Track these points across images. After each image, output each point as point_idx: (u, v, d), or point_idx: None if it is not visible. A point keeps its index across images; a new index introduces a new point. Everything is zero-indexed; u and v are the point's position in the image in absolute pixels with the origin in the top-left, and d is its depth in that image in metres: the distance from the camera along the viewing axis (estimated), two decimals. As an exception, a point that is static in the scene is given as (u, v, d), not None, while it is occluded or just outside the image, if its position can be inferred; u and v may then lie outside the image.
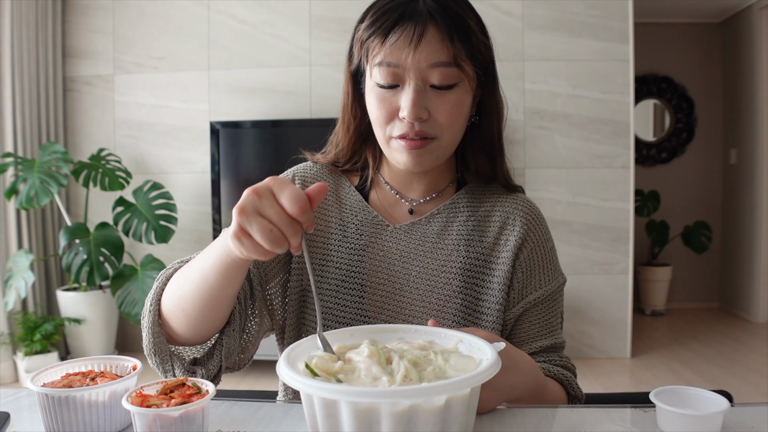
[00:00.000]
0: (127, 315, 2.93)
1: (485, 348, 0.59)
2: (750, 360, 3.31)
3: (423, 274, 0.85)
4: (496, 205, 0.90)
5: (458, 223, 0.88)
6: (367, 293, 0.85)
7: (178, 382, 0.62)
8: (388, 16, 0.76)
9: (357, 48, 0.82)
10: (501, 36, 3.30)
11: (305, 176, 0.92)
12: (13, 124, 3.14)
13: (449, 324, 0.83)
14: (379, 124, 0.80)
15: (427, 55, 0.74)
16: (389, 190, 0.91)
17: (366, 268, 0.86)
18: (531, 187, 3.33)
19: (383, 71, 0.76)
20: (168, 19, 3.46)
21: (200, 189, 3.47)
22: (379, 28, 0.76)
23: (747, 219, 4.29)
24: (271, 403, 0.74)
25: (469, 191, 0.92)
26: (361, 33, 0.80)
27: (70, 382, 0.64)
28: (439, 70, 0.75)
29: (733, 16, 4.43)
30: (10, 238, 3.14)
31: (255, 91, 3.43)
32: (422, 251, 0.86)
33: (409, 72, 0.75)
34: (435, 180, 0.90)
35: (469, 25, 0.78)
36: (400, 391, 0.48)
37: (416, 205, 0.90)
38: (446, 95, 0.77)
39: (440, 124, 0.78)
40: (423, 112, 0.76)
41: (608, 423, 0.65)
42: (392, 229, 0.88)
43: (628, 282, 3.33)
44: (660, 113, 4.76)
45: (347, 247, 0.87)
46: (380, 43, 0.76)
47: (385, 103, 0.78)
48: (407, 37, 0.74)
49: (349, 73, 0.85)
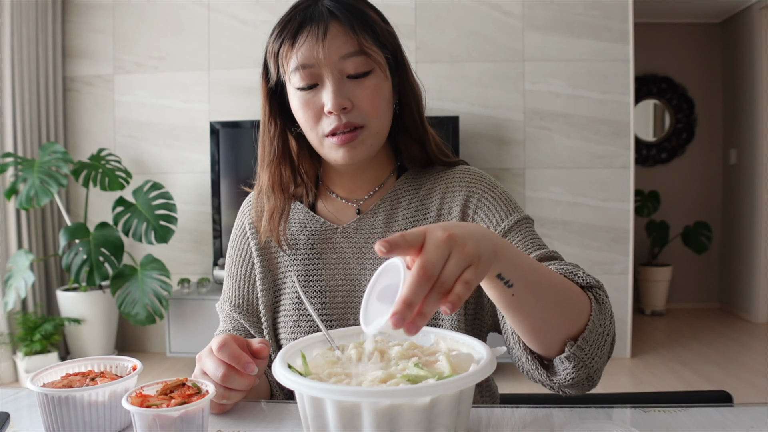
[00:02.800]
0: (126, 315, 2.93)
1: (483, 351, 0.59)
2: (750, 360, 3.31)
3: (377, 265, 0.86)
4: (436, 182, 0.91)
5: (402, 208, 0.90)
6: (329, 298, 0.87)
7: (178, 383, 0.62)
8: (292, 22, 0.80)
9: (271, 62, 0.84)
10: (501, 36, 3.31)
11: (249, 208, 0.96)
12: (13, 124, 3.14)
13: None
14: (310, 126, 0.82)
15: (336, 49, 0.78)
16: (334, 197, 0.93)
17: (323, 274, 0.88)
18: (531, 187, 3.33)
19: (300, 74, 0.79)
20: (168, 19, 3.46)
21: (200, 189, 3.47)
22: (287, 35, 0.80)
23: (747, 219, 4.29)
24: (271, 403, 0.74)
25: (409, 176, 0.93)
26: (270, 46, 0.83)
27: (69, 383, 0.64)
28: (350, 60, 0.79)
29: (733, 16, 4.43)
30: (10, 238, 3.14)
31: (255, 91, 3.42)
32: (372, 243, 0.88)
33: (324, 68, 0.79)
34: (375, 173, 0.92)
35: (369, 14, 0.82)
36: (384, 391, 0.48)
37: (362, 203, 0.92)
38: (364, 83, 0.80)
39: (365, 111, 0.81)
40: (345, 101, 0.79)
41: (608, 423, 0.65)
42: (341, 230, 0.90)
43: (628, 282, 3.33)
44: (660, 113, 4.76)
45: (301, 260, 0.90)
46: (290, 48, 0.80)
47: (309, 104, 0.81)
48: (313, 36, 0.78)
49: (266, 91, 0.87)
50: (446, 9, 3.31)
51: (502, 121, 3.30)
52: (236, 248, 0.96)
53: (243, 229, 0.96)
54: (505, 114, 3.31)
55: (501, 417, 0.68)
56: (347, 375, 0.57)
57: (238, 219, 0.98)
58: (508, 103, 3.32)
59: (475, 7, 3.31)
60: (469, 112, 3.29)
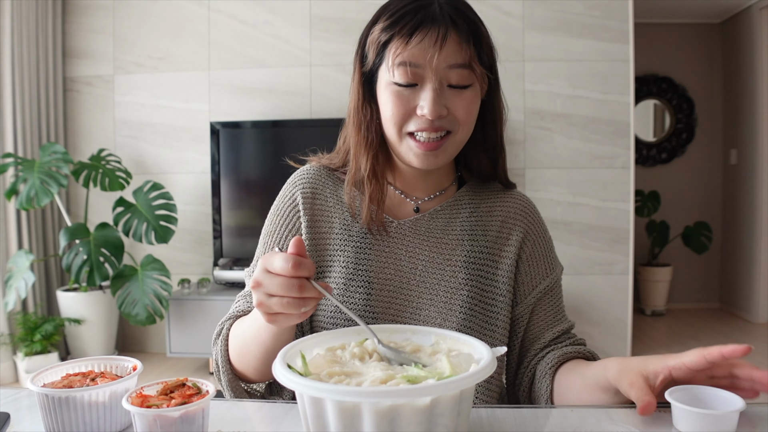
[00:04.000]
0: (127, 315, 2.93)
1: (483, 351, 0.59)
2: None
3: (429, 268, 0.87)
4: (496, 202, 0.95)
5: (461, 219, 0.91)
6: (375, 290, 0.86)
7: (178, 383, 0.62)
8: (409, 18, 0.79)
9: (372, 49, 0.83)
10: (501, 36, 3.31)
11: (304, 181, 0.93)
12: (13, 124, 3.14)
13: (457, 316, 0.85)
14: (394, 121, 0.81)
15: (447, 57, 0.78)
16: (393, 190, 0.93)
17: (372, 265, 0.87)
18: (531, 187, 3.33)
19: (405, 71, 0.78)
20: (168, 19, 3.46)
21: (200, 189, 3.47)
22: (402, 30, 0.78)
23: (747, 219, 4.29)
24: (271, 403, 0.74)
25: (470, 189, 0.95)
26: (377, 34, 0.81)
27: (70, 383, 0.64)
28: (456, 71, 0.79)
29: (733, 16, 4.43)
30: (10, 238, 3.14)
31: (255, 91, 3.43)
32: (427, 246, 0.88)
33: (430, 72, 0.78)
34: (439, 179, 0.94)
35: (481, 29, 0.82)
36: (384, 392, 0.48)
37: (421, 203, 0.93)
38: (463, 94, 0.81)
39: (458, 120, 0.82)
40: (443, 109, 0.80)
41: (608, 423, 0.65)
42: (397, 224, 0.89)
43: (628, 282, 3.33)
44: (660, 113, 4.76)
45: (352, 246, 0.88)
46: (404, 44, 0.78)
47: (402, 100, 0.80)
48: (431, 39, 0.77)
49: (360, 74, 0.86)
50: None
51: (502, 122, 3.30)
52: (282, 216, 0.92)
53: (294, 199, 0.92)
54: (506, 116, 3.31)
55: (501, 417, 0.68)
56: (347, 374, 0.57)
57: (287, 190, 0.94)
58: (508, 103, 3.30)
59: (474, 7, 3.29)
60: (469, 112, 3.29)
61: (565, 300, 1.00)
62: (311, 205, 0.91)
